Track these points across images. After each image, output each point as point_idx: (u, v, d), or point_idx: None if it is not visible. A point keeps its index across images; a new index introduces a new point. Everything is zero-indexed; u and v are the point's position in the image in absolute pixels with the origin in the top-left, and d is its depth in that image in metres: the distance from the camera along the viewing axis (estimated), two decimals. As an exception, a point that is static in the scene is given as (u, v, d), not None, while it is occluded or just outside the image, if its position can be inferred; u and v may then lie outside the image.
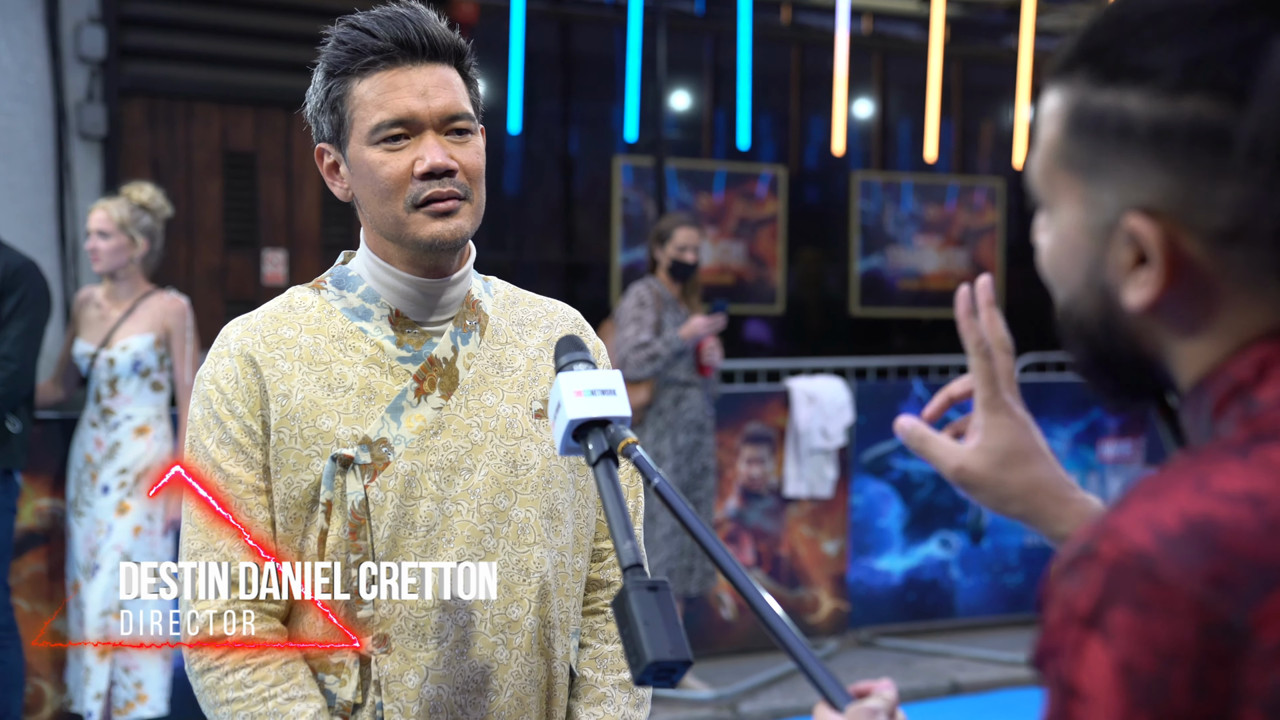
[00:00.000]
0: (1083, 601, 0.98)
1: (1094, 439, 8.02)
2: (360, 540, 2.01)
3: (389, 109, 2.01)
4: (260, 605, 2.04)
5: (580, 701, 2.18)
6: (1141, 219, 1.06)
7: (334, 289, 2.13)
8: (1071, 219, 1.12)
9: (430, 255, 2.06)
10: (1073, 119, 1.11)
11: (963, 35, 11.03)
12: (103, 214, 5.47)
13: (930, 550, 7.69)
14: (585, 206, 10.22)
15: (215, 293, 8.20)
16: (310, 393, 2.04)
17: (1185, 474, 1.01)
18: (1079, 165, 1.11)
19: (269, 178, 8.35)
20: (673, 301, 6.44)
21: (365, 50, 2.02)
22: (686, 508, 1.60)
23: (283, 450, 2.03)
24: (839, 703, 1.40)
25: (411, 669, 2.03)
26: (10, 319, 5.18)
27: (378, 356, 2.07)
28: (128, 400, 5.42)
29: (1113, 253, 1.09)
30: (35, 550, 5.68)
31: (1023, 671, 6.97)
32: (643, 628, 1.49)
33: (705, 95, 10.54)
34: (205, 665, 2.02)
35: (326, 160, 2.12)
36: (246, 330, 2.09)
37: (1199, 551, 0.96)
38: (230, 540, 2.03)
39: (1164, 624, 0.94)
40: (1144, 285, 1.07)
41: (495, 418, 2.09)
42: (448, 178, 2.02)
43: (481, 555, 2.05)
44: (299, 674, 2.02)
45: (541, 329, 2.20)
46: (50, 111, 7.65)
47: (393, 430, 2.04)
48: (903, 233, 10.94)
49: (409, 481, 2.03)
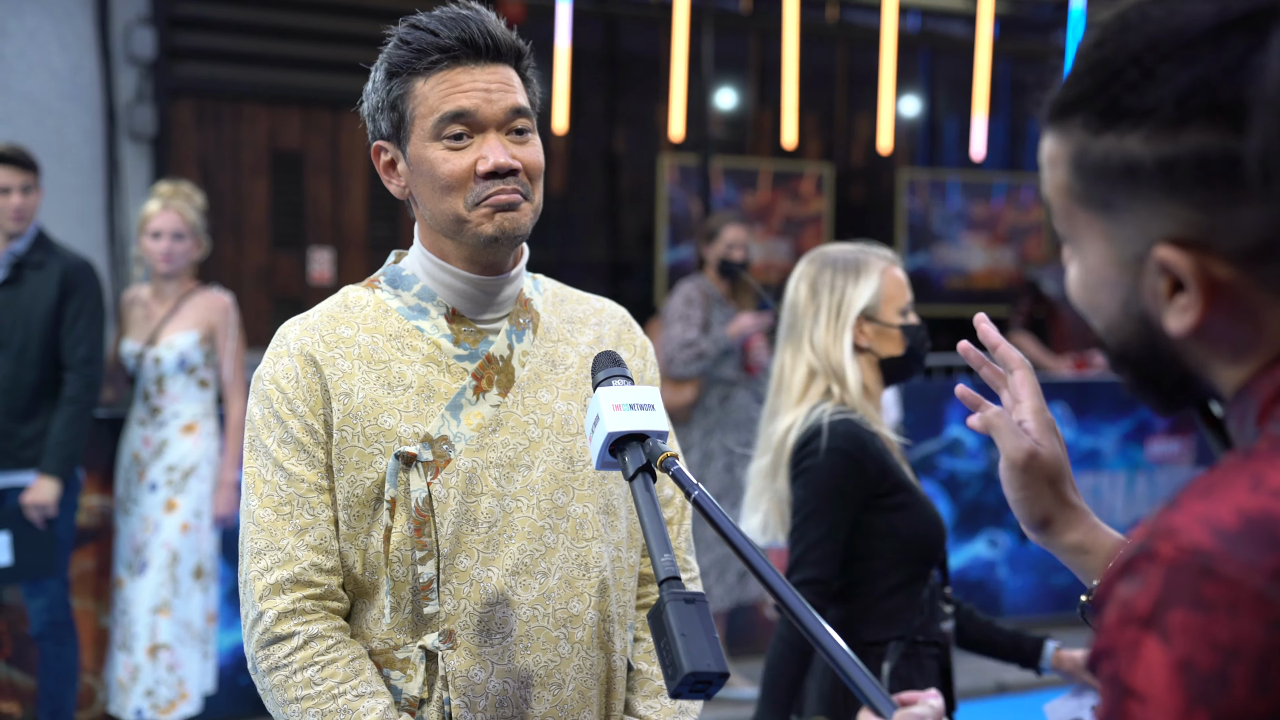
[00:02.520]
0: (1141, 602, 0.97)
1: (1142, 438, 7.96)
2: (425, 537, 2.02)
3: (452, 106, 2.03)
4: (325, 603, 2.04)
5: (637, 694, 2.19)
6: (1170, 249, 1.06)
7: (389, 288, 2.15)
8: (1098, 254, 1.12)
9: (489, 251, 2.07)
10: (1076, 165, 1.11)
11: (1011, 31, 10.97)
12: (176, 216, 5.46)
13: (978, 549, 7.65)
14: (630, 205, 10.22)
15: (262, 291, 8.25)
16: (371, 391, 2.05)
17: (1239, 473, 1.01)
18: (1095, 204, 1.11)
19: (316, 177, 8.39)
20: (720, 300, 6.43)
21: (429, 49, 2.04)
22: (726, 519, 1.61)
23: (346, 449, 2.04)
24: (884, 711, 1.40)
25: (478, 664, 2.03)
26: (78, 319, 5.24)
27: (435, 355, 2.09)
28: (175, 398, 5.45)
29: (1146, 282, 1.09)
30: (84, 548, 5.72)
31: (1070, 672, 6.94)
32: (680, 640, 1.50)
33: (751, 93, 10.52)
34: (272, 664, 2.02)
35: (384, 158, 2.13)
36: (305, 330, 2.10)
37: (1260, 547, 0.95)
38: (294, 539, 2.04)
39: (1226, 620, 0.94)
40: (1185, 311, 1.07)
41: (551, 414, 2.11)
42: (511, 176, 2.04)
43: (542, 551, 2.06)
44: (366, 670, 2.03)
45: (591, 326, 2.22)
46: (100, 112, 7.72)
47: (453, 428, 2.05)
48: (949, 230, 10.89)
49: (470, 478, 2.04)
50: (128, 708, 5.43)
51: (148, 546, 5.40)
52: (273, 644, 2.02)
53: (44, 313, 5.21)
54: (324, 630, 2.03)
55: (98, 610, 5.75)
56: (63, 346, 5.23)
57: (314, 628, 2.02)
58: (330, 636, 2.03)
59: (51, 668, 5.31)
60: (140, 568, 5.41)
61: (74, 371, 5.21)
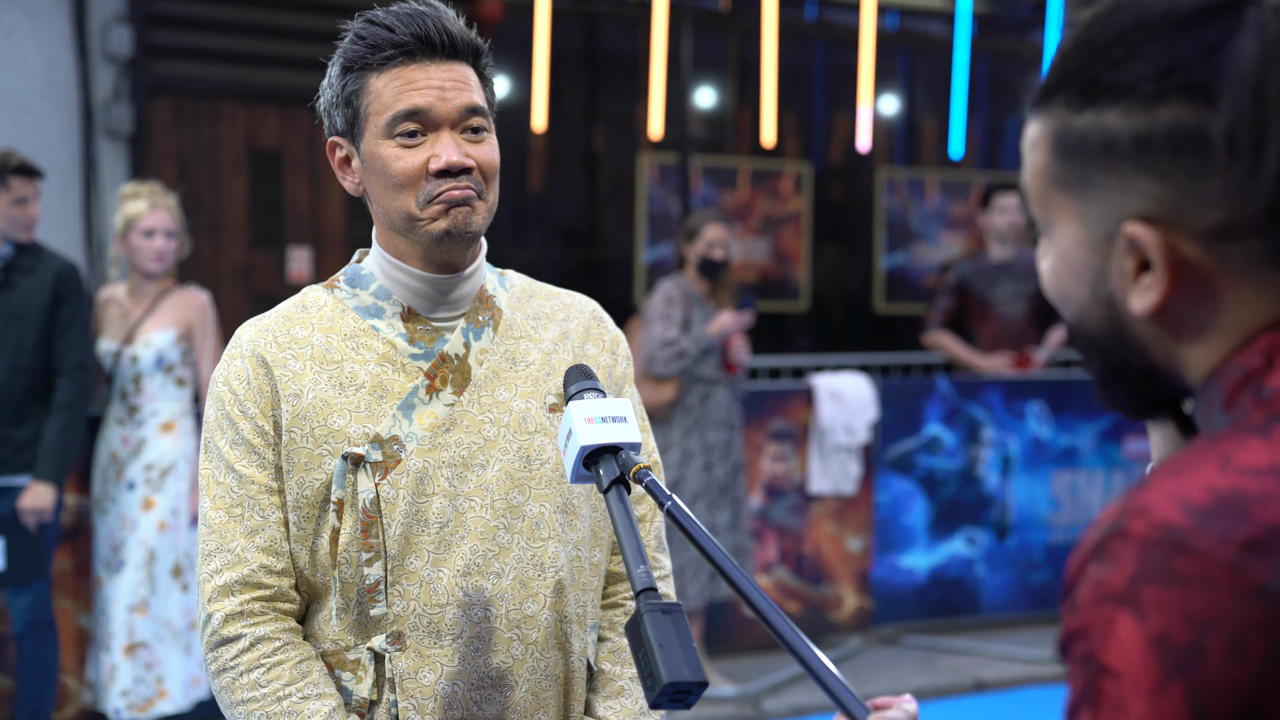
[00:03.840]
0: (1115, 580, 0.99)
1: (1119, 436, 7.99)
2: (372, 538, 2.01)
3: (406, 104, 2.02)
4: (275, 605, 2.04)
5: (598, 695, 2.18)
6: (1139, 226, 1.09)
7: (347, 288, 2.14)
8: (1070, 237, 1.16)
9: (442, 249, 2.06)
10: (1057, 144, 1.14)
11: (989, 30, 11.00)
12: (167, 215, 5.48)
13: (955, 547, 7.67)
14: (610, 203, 10.22)
15: (240, 290, 8.23)
16: (321, 392, 2.04)
17: (1207, 453, 1.03)
18: (1070, 184, 1.14)
19: (294, 176, 8.37)
20: (700, 299, 6.44)
21: (384, 45, 2.03)
22: (699, 528, 1.62)
23: (294, 450, 2.03)
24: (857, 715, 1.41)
25: (426, 666, 2.03)
26: (70, 325, 5.23)
27: (390, 354, 2.08)
28: (153, 396, 5.45)
29: (1115, 263, 1.12)
30: (62, 548, 5.71)
31: (1047, 669, 6.96)
32: (658, 650, 1.50)
33: (730, 92, 10.53)
34: (221, 665, 2.03)
35: (338, 154, 2.12)
36: (259, 331, 2.10)
37: (1231, 521, 0.97)
38: (244, 540, 2.03)
39: (1200, 593, 0.95)
40: (1149, 290, 1.10)
41: (508, 413, 2.09)
42: (464, 175, 2.02)
43: (495, 551, 2.05)
44: (313, 672, 2.03)
45: (558, 322, 2.20)
46: (77, 110, 7.69)
47: (404, 428, 2.04)
48: (928, 229, 10.91)
49: (421, 479, 2.03)
50: (108, 706, 5.43)
51: (125, 545, 5.39)
52: (220, 646, 2.02)
53: (35, 317, 5.20)
54: (271, 632, 2.02)
55: (75, 610, 5.73)
56: (55, 352, 5.22)
57: (261, 629, 2.02)
58: (277, 639, 2.02)
59: (31, 667, 5.30)
60: (118, 566, 5.40)
61: (67, 377, 5.21)
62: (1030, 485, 7.79)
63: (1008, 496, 7.75)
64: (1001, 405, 7.66)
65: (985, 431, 7.66)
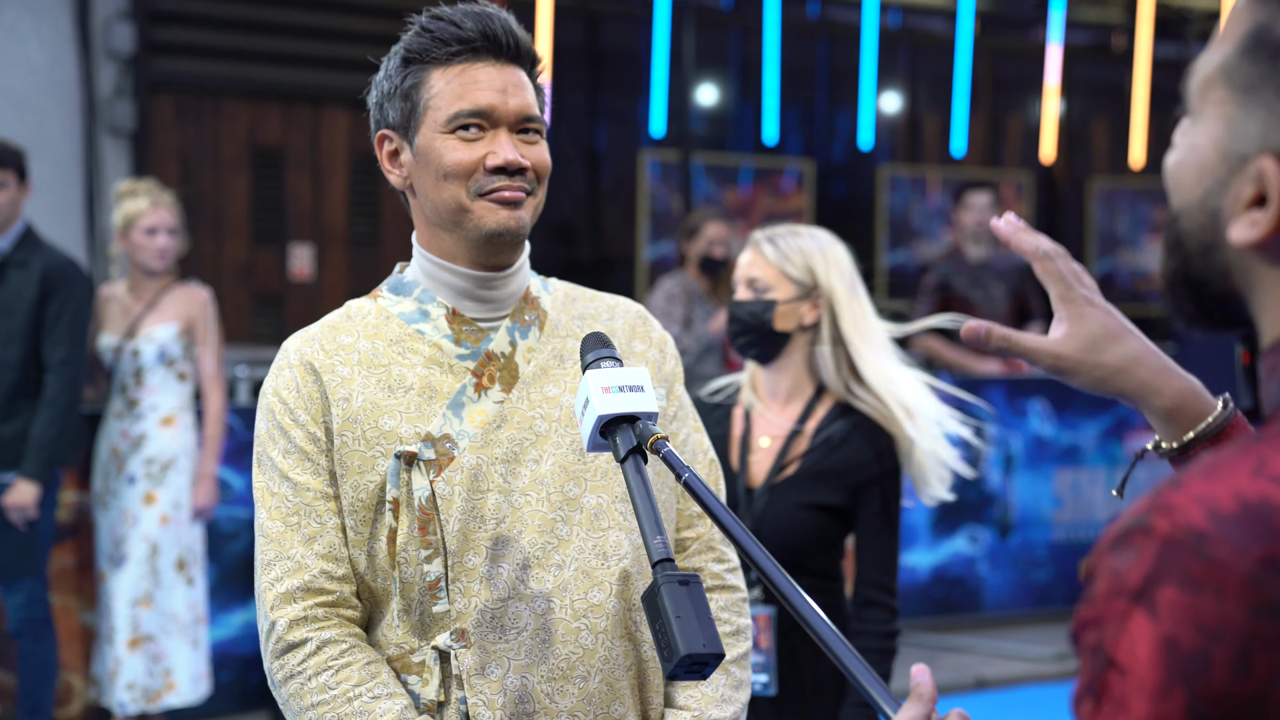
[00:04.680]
0: (1133, 575, 0.97)
1: (1121, 434, 7.99)
2: (430, 535, 2.00)
3: (469, 100, 2.03)
4: (338, 610, 2.03)
5: (676, 684, 2.16)
6: (1275, 162, 1.06)
7: (390, 295, 2.14)
8: (1211, 135, 1.12)
9: (491, 246, 2.06)
10: (1251, 38, 1.10)
11: (991, 28, 10.99)
12: (168, 212, 5.48)
13: (957, 545, 7.67)
14: (612, 201, 10.21)
15: (242, 287, 8.22)
16: (371, 395, 2.04)
17: (1245, 455, 1.01)
18: (1239, 85, 1.10)
19: (296, 172, 8.37)
20: (702, 296, 6.44)
21: (450, 40, 2.04)
22: (716, 500, 1.61)
23: (347, 454, 2.03)
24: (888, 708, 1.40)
25: (493, 661, 2.01)
26: (58, 320, 5.21)
27: (436, 356, 2.08)
28: (153, 391, 5.45)
29: (1236, 183, 1.09)
30: (62, 544, 5.70)
31: (1049, 667, 6.95)
32: (675, 622, 1.49)
33: (732, 90, 10.52)
34: (288, 672, 2.01)
35: (387, 147, 2.12)
36: (305, 341, 2.10)
37: (1253, 533, 0.95)
38: (302, 548, 2.03)
39: (1212, 602, 0.94)
40: (1254, 225, 1.07)
41: (559, 408, 2.09)
42: (519, 175, 2.04)
43: (555, 543, 2.04)
44: (382, 673, 2.01)
45: (603, 322, 2.21)
46: (79, 106, 7.69)
47: (455, 426, 2.04)
48: (930, 227, 10.91)
49: (475, 475, 2.03)
50: (112, 701, 5.44)
51: (127, 539, 5.39)
52: (287, 652, 2.00)
53: (24, 312, 5.18)
54: (337, 636, 2.01)
55: (79, 606, 5.73)
56: (43, 347, 5.21)
57: (327, 633, 2.00)
58: (344, 641, 2.01)
59: (29, 665, 5.29)
60: (120, 561, 5.40)
61: (53, 373, 5.20)
62: (1032, 483, 7.79)
63: (1010, 494, 7.74)
64: (1004, 403, 7.65)
65: (987, 429, 7.65)
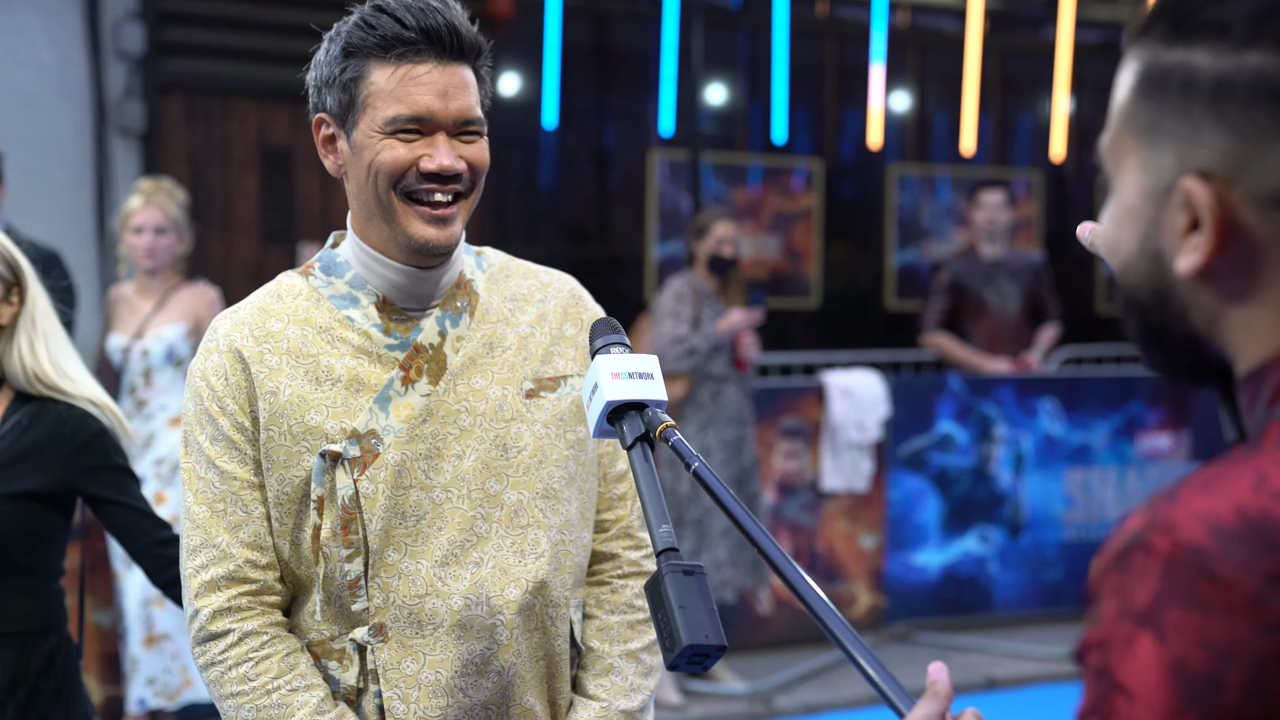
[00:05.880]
0: (1140, 597, 0.96)
1: (1132, 433, 7.97)
2: (352, 534, 2.01)
3: (408, 105, 2.00)
4: (261, 599, 2.05)
5: (587, 673, 2.18)
6: (1196, 181, 1.05)
7: (322, 275, 2.13)
8: (1132, 184, 1.11)
9: (419, 256, 2.05)
10: (1141, 79, 1.10)
11: (1001, 27, 10.97)
12: (158, 211, 5.47)
13: (968, 545, 7.66)
14: (620, 201, 10.21)
15: (251, 287, 8.15)
16: (298, 388, 2.04)
17: (1243, 468, 0.99)
18: (1141, 128, 1.10)
19: (305, 172, 8.37)
20: (710, 296, 6.43)
21: (391, 38, 2.00)
22: (727, 492, 1.59)
23: (273, 447, 2.03)
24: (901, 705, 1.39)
25: (409, 656, 2.04)
26: None
27: (365, 345, 2.07)
28: (163, 390, 5.45)
29: (1168, 217, 1.08)
30: (73, 544, 5.70)
31: (1059, 666, 6.94)
32: (678, 612, 1.48)
33: (741, 89, 10.51)
34: (209, 660, 2.04)
35: (324, 131, 2.10)
36: (235, 325, 2.09)
37: (1257, 549, 0.94)
38: (228, 536, 2.04)
39: (1222, 623, 0.93)
40: (1194, 250, 1.06)
41: (484, 401, 2.08)
42: (453, 181, 2.01)
43: (474, 541, 2.05)
44: (301, 664, 2.04)
45: (535, 303, 2.18)
46: (89, 107, 7.69)
47: (381, 421, 2.04)
48: (939, 226, 10.89)
49: (399, 471, 2.03)
50: (131, 698, 5.45)
51: (138, 541, 5.39)
52: (208, 641, 2.04)
53: None
54: (258, 627, 2.04)
55: (92, 607, 5.73)
56: None
57: (248, 624, 2.03)
58: (264, 633, 2.04)
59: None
60: (131, 561, 5.40)
61: None
62: (1043, 483, 7.77)
63: (1020, 494, 7.73)
64: (1014, 402, 7.64)
65: (997, 429, 7.64)
